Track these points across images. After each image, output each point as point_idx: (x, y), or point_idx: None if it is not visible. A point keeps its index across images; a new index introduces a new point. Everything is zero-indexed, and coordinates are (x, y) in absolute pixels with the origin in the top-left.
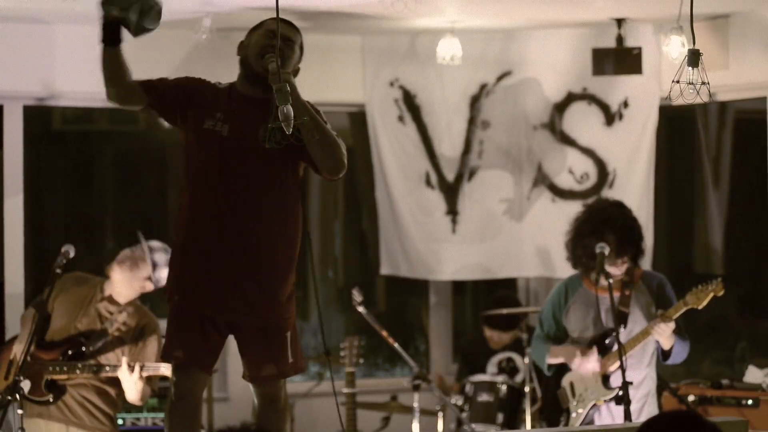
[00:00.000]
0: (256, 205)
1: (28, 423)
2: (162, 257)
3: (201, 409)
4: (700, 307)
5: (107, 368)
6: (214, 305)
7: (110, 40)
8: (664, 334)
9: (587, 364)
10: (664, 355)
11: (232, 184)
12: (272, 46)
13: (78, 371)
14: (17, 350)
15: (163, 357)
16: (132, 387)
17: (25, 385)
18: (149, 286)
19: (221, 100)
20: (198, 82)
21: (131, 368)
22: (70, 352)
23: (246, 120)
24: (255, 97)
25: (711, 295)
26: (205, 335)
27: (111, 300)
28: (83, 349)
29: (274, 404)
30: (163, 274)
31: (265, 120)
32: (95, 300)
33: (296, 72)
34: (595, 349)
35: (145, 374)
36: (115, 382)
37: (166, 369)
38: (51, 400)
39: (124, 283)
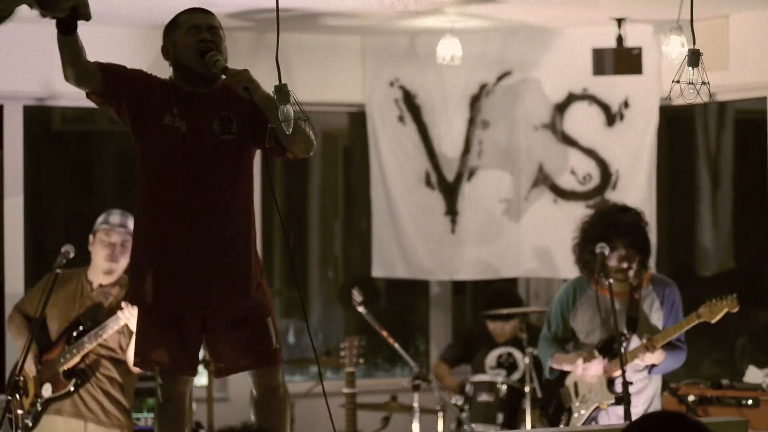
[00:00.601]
0: (218, 199)
1: (47, 420)
2: (117, 217)
3: (189, 408)
4: (713, 321)
5: (110, 325)
6: (188, 304)
7: (64, 29)
8: (649, 360)
9: (590, 371)
10: (650, 367)
11: (195, 180)
12: (203, 40)
13: (86, 345)
14: (26, 366)
15: (141, 364)
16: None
17: (46, 389)
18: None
19: (173, 96)
20: (151, 76)
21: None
22: (74, 334)
23: (199, 115)
24: (199, 92)
25: (725, 310)
26: (182, 338)
27: (101, 286)
28: (81, 327)
29: (275, 392)
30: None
31: (215, 113)
32: (86, 293)
33: (225, 51)
34: (599, 357)
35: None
36: (126, 371)
37: None
38: (73, 388)
39: (108, 258)
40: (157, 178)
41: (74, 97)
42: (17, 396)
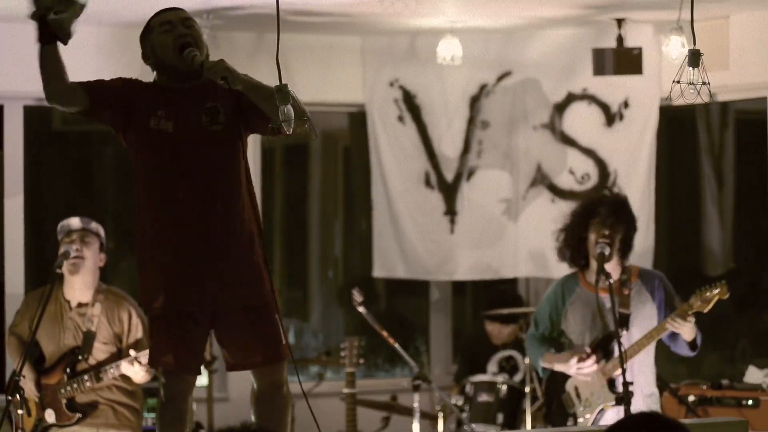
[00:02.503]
0: (215, 192)
1: None
2: (74, 221)
3: (191, 409)
4: (705, 311)
5: (111, 370)
6: (195, 301)
7: (43, 37)
8: (683, 328)
9: (584, 370)
10: (690, 346)
11: (190, 179)
12: (182, 35)
13: (87, 383)
14: (27, 390)
15: (150, 364)
16: (137, 374)
17: (50, 415)
18: (101, 259)
19: (158, 97)
20: (133, 81)
21: (131, 364)
22: (68, 370)
23: (185, 112)
24: (185, 88)
25: (716, 298)
26: (189, 337)
27: (79, 305)
28: (79, 358)
29: (279, 390)
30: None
31: (201, 106)
32: (65, 314)
33: (205, 45)
34: (592, 356)
35: (144, 361)
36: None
37: None
38: (80, 417)
39: (80, 278)
40: (152, 183)
41: None
42: (17, 396)
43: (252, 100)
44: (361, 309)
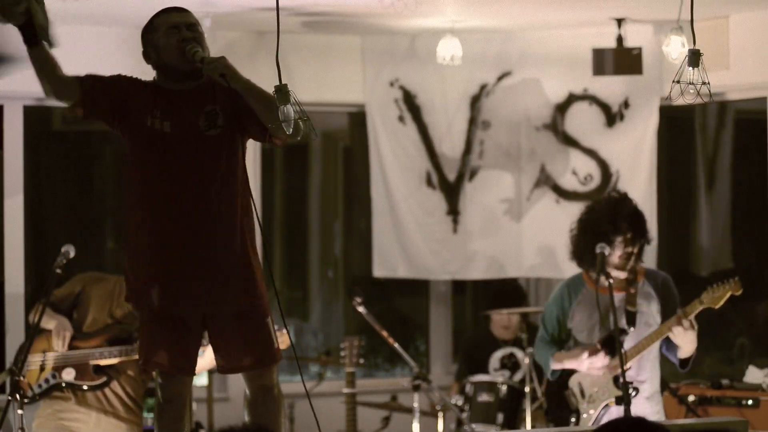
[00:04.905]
0: (208, 197)
1: (67, 412)
2: None
3: (189, 408)
4: (716, 307)
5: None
6: (187, 303)
7: (27, 40)
8: (682, 336)
9: (597, 364)
10: (681, 363)
11: (184, 179)
12: (185, 39)
13: (130, 353)
14: (55, 341)
15: (143, 366)
16: None
17: (69, 373)
18: None
19: (156, 97)
20: (132, 79)
21: None
22: (110, 338)
23: (183, 113)
24: (184, 89)
25: (729, 294)
26: (182, 339)
27: None
28: (124, 336)
29: (270, 392)
30: None
31: (200, 109)
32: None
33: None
34: (603, 351)
35: None
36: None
37: None
38: (104, 382)
39: None
40: (146, 181)
41: None
42: (17, 396)
43: (250, 104)
44: (361, 309)
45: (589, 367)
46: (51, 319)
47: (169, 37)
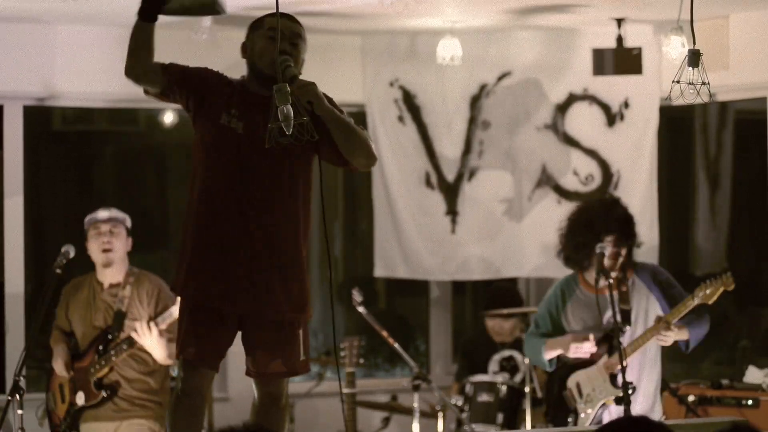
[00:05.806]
0: (271, 201)
1: (85, 429)
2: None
3: (206, 405)
4: (710, 302)
5: (123, 346)
6: (228, 299)
7: (146, 15)
8: (668, 340)
9: (583, 349)
10: (685, 345)
11: (248, 181)
12: (283, 51)
13: (114, 357)
14: (57, 369)
15: (180, 352)
16: (155, 346)
17: (80, 397)
18: (128, 244)
19: (235, 96)
20: (216, 74)
21: (149, 328)
22: (100, 347)
23: (258, 118)
24: (264, 95)
25: (721, 289)
26: (216, 332)
27: (111, 286)
28: (110, 337)
29: (276, 402)
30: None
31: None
32: (98, 295)
33: (302, 63)
34: (591, 335)
35: (162, 326)
36: (152, 370)
37: (175, 309)
38: (106, 396)
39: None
40: (210, 175)
41: (74, 97)
42: (17, 396)
43: (330, 131)
44: (361, 309)
45: (575, 352)
46: (55, 344)
47: (269, 43)
